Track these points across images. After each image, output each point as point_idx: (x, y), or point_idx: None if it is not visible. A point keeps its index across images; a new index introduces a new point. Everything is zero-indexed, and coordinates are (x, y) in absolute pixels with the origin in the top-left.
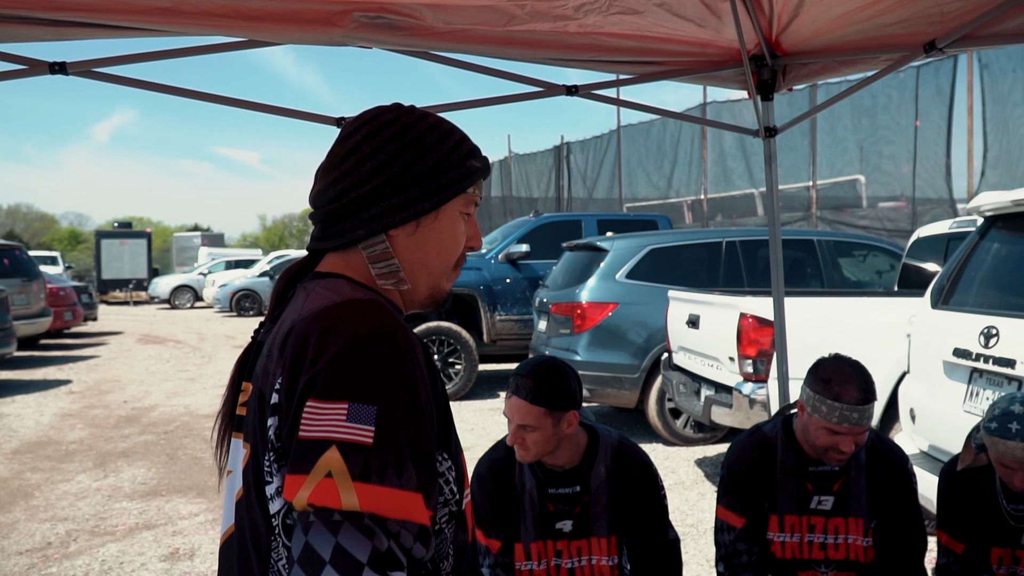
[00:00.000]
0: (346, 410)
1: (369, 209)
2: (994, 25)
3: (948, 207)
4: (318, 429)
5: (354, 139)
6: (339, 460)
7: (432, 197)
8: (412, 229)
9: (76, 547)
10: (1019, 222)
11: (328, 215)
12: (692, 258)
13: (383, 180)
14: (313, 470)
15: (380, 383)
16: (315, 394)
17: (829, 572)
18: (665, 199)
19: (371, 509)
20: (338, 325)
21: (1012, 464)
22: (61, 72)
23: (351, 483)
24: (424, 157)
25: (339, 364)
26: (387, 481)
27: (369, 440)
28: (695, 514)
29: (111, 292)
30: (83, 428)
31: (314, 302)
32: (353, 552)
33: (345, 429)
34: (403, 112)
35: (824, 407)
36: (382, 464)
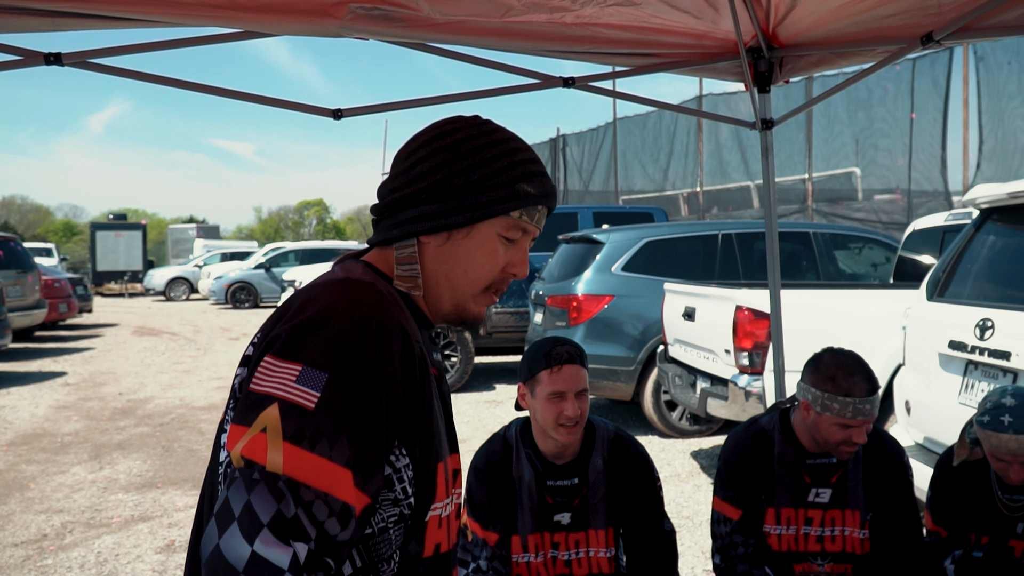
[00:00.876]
0: (298, 371)
1: (407, 211)
2: (991, 17)
3: (944, 200)
4: (267, 384)
5: (415, 143)
6: (276, 418)
7: (466, 212)
8: (443, 240)
9: (72, 539)
10: (1015, 214)
11: (378, 211)
12: (688, 251)
13: (424, 185)
14: (254, 423)
15: (339, 354)
16: (275, 350)
17: (825, 564)
18: (661, 192)
19: (292, 473)
20: (322, 294)
21: (1006, 457)
22: (56, 63)
23: (280, 442)
24: (470, 171)
25: (306, 327)
26: (316, 448)
27: (311, 405)
28: (691, 506)
29: (106, 284)
30: (78, 420)
31: (324, 276)
32: (258, 512)
33: (291, 389)
34: (471, 124)
35: (836, 404)
36: (316, 431)
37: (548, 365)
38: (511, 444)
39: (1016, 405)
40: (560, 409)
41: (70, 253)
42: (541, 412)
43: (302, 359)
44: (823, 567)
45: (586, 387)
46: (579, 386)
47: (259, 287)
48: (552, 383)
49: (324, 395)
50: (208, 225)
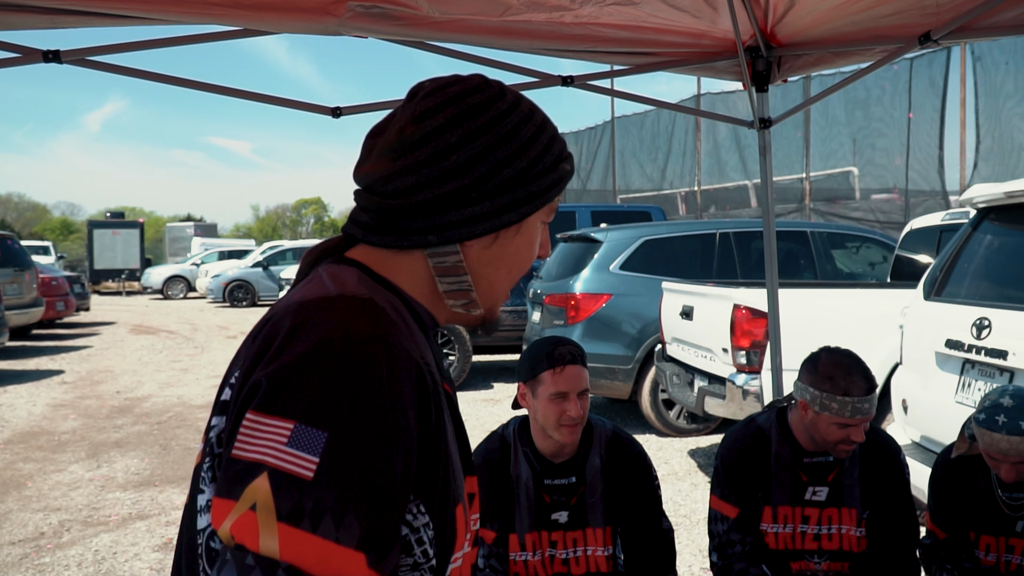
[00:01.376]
0: (290, 431)
1: (447, 214)
2: (989, 17)
3: (941, 199)
4: (253, 449)
5: (435, 120)
6: (267, 492)
7: (520, 207)
8: (489, 241)
9: (69, 537)
10: (1012, 214)
11: (390, 208)
12: (686, 249)
13: (469, 182)
14: (241, 497)
15: (339, 406)
16: (257, 404)
17: (822, 562)
18: (659, 190)
19: (291, 560)
20: (313, 322)
21: (997, 456)
22: (55, 60)
23: (274, 523)
24: (517, 157)
25: (293, 371)
26: (320, 530)
27: (309, 474)
28: (688, 504)
29: (103, 282)
30: (76, 418)
31: (309, 291)
32: None
33: (283, 454)
34: (495, 95)
35: (835, 404)
36: (318, 507)
37: (551, 365)
38: (509, 442)
39: (1013, 406)
40: (563, 409)
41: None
42: (543, 412)
43: (293, 415)
44: (820, 565)
45: (587, 387)
46: (581, 386)
47: (257, 285)
48: (555, 383)
49: (324, 460)
50: (206, 223)
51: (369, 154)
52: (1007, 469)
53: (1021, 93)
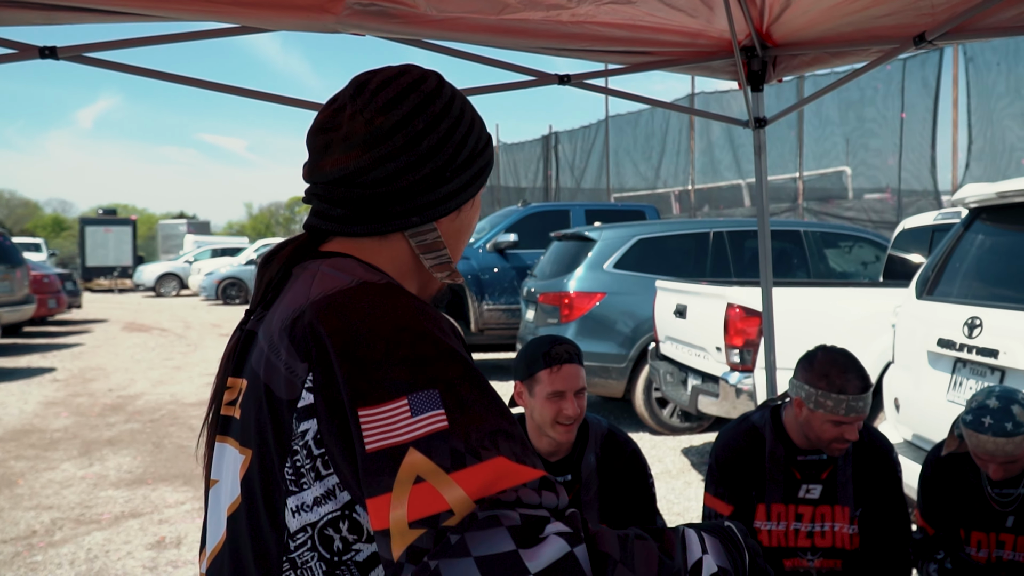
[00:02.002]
0: (406, 406)
1: (426, 194)
2: (984, 18)
3: (933, 199)
4: (385, 437)
5: (402, 109)
6: (423, 460)
7: (476, 181)
8: (455, 216)
9: (61, 535)
10: (1003, 214)
11: (372, 197)
12: (680, 248)
13: (443, 162)
14: (396, 483)
15: (430, 366)
16: (364, 401)
17: (815, 560)
18: (653, 189)
19: (482, 493)
20: (368, 314)
21: (983, 456)
22: (52, 57)
23: (448, 478)
24: (469, 137)
25: (384, 360)
26: (483, 456)
27: (445, 424)
28: (681, 503)
29: (95, 280)
30: (68, 416)
31: (324, 284)
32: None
33: (417, 426)
34: (440, 82)
35: (830, 401)
36: (468, 444)
37: (548, 365)
38: None
39: (998, 408)
40: (559, 408)
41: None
42: (540, 411)
43: (398, 391)
44: (813, 562)
45: (584, 385)
46: (578, 385)
47: (250, 283)
48: (552, 383)
49: (448, 408)
50: (199, 221)
51: (327, 150)
52: (995, 469)
53: (1013, 94)
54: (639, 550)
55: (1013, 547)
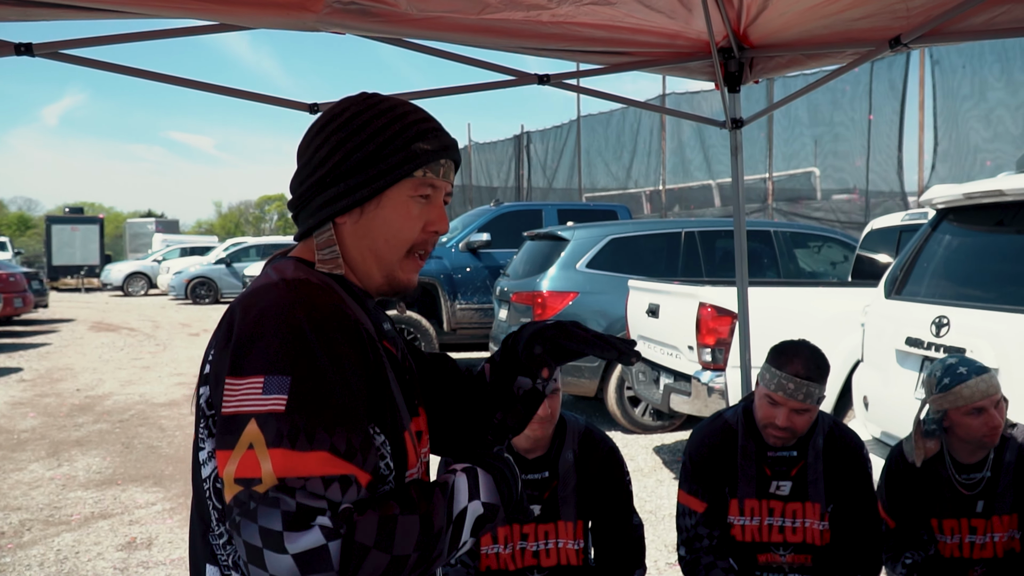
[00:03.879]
0: (261, 383)
1: (316, 198)
2: (958, 22)
3: (900, 199)
4: (237, 404)
5: (311, 131)
6: (257, 432)
7: (371, 184)
8: (357, 216)
9: (30, 536)
10: (970, 215)
11: (294, 207)
12: (652, 248)
13: (327, 170)
14: (237, 444)
15: (292, 355)
16: (232, 371)
17: (787, 555)
18: (624, 189)
19: (281, 474)
20: (259, 302)
21: (983, 402)
22: (27, 53)
23: (266, 451)
24: (366, 144)
25: (253, 339)
26: (297, 445)
27: (282, 408)
28: (653, 500)
29: (62, 279)
30: (35, 416)
31: (257, 281)
32: (272, 527)
33: (261, 402)
34: (358, 101)
35: (768, 374)
36: (293, 430)
37: None
38: None
39: (960, 360)
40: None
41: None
42: None
43: (260, 369)
44: (785, 557)
45: (558, 385)
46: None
47: (220, 282)
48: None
49: (291, 396)
50: (167, 219)
51: None
52: (990, 417)
53: (977, 96)
54: (401, 528)
55: (984, 531)
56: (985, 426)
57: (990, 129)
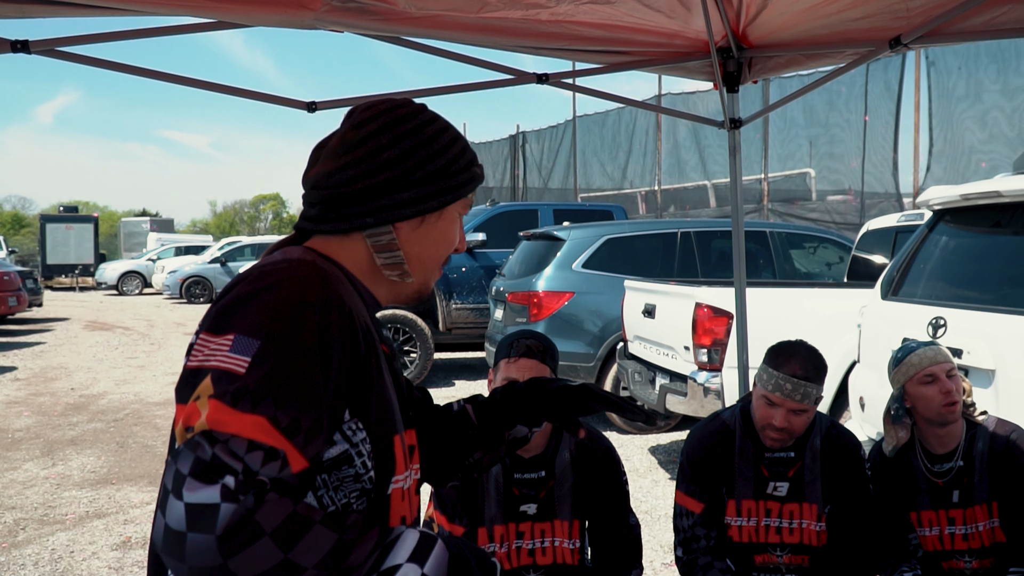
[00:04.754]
0: (231, 341)
1: (380, 199)
2: (959, 22)
3: (895, 201)
4: (202, 357)
5: (370, 127)
6: (208, 385)
7: (440, 196)
8: (417, 224)
9: (25, 536)
10: (967, 216)
11: (334, 198)
12: (648, 248)
13: (398, 173)
14: (191, 397)
15: (272, 323)
16: (208, 327)
17: (784, 556)
18: (619, 190)
19: (212, 426)
20: (259, 272)
21: (933, 369)
22: (24, 50)
23: (207, 400)
24: (437, 157)
25: (240, 300)
26: (239, 406)
27: (242, 370)
28: (649, 501)
29: (56, 278)
30: (29, 415)
31: (264, 261)
32: (181, 469)
33: (224, 358)
34: (418, 110)
35: (765, 375)
36: (240, 391)
37: (508, 355)
38: None
39: (911, 341)
40: None
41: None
42: None
43: (235, 329)
44: (782, 558)
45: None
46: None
47: (215, 282)
48: (507, 371)
49: (255, 360)
50: (162, 219)
51: (315, 162)
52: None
53: (972, 97)
54: (311, 536)
55: (963, 522)
56: (939, 394)
57: (985, 131)
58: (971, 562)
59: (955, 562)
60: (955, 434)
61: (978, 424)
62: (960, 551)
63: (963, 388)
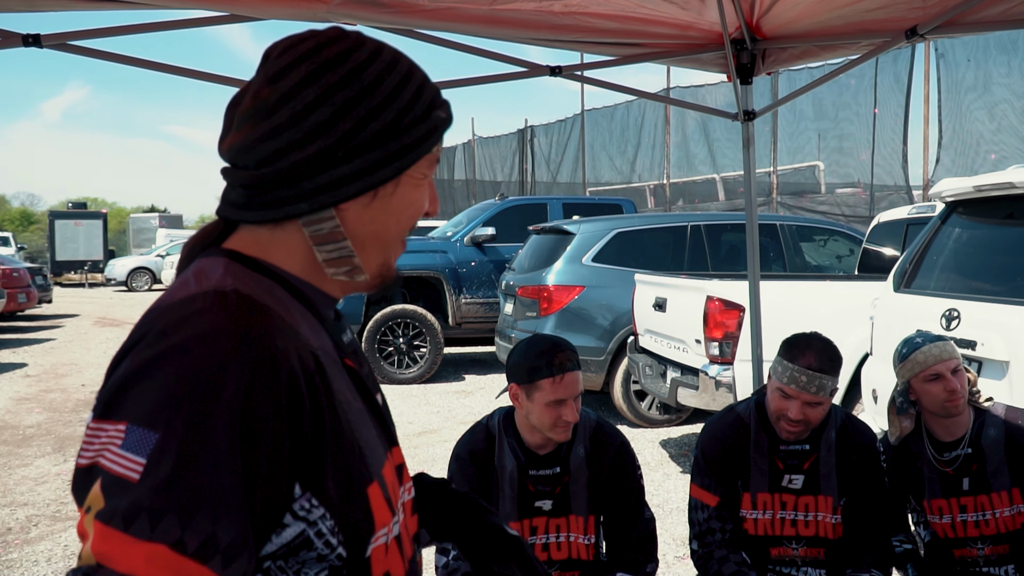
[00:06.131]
0: (123, 433)
1: (314, 177)
2: (976, 12)
3: (904, 193)
4: (91, 455)
5: (290, 78)
6: (98, 494)
7: (394, 161)
8: (367, 200)
9: (37, 532)
10: (979, 207)
11: (257, 179)
12: (658, 242)
13: (334, 141)
14: (83, 505)
15: (175, 407)
16: (98, 412)
17: (799, 548)
18: (628, 183)
19: (101, 559)
20: (164, 327)
21: (938, 367)
22: (35, 44)
23: (94, 522)
24: (383, 109)
25: (136, 376)
26: (131, 530)
27: (136, 476)
28: (660, 494)
29: (65, 274)
30: (40, 412)
31: (173, 290)
32: None
33: (114, 458)
34: (350, 44)
35: (780, 367)
36: (133, 508)
37: (551, 374)
38: (494, 434)
39: (918, 333)
40: (560, 414)
41: (27, 242)
42: (539, 415)
43: (126, 416)
44: (797, 551)
45: (582, 389)
46: (578, 391)
47: None
48: (555, 391)
49: (151, 461)
50: (171, 215)
51: (230, 126)
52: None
53: (981, 88)
54: None
55: (976, 509)
56: (944, 391)
57: (994, 122)
58: (984, 549)
59: (968, 550)
60: (962, 423)
61: (985, 411)
62: (972, 538)
63: (968, 379)
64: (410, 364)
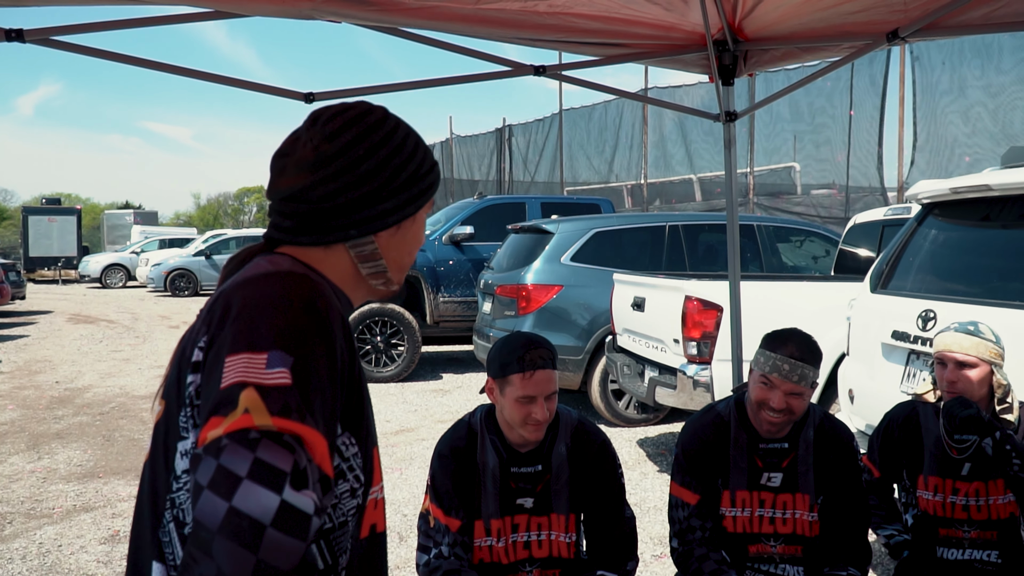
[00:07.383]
0: (266, 359)
1: (363, 211)
2: (957, 15)
3: (879, 195)
4: (238, 376)
5: (344, 138)
6: (257, 398)
7: (416, 201)
8: (395, 231)
9: (12, 530)
10: (956, 209)
11: (314, 212)
12: (636, 242)
13: (378, 184)
14: (231, 412)
15: (298, 338)
16: (233, 348)
17: (778, 546)
18: (606, 183)
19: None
20: (262, 288)
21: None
22: (18, 39)
23: (269, 417)
24: (408, 163)
25: (260, 318)
26: (306, 420)
27: (288, 382)
28: (638, 493)
29: (39, 270)
30: (14, 409)
31: (250, 271)
32: (275, 464)
33: (264, 374)
34: (384, 115)
35: (762, 358)
36: (300, 404)
37: (521, 369)
38: (476, 431)
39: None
40: (529, 411)
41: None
42: (509, 411)
43: (266, 347)
44: (776, 548)
45: (556, 389)
46: (549, 390)
47: (199, 275)
48: (523, 387)
49: (296, 374)
50: (146, 211)
51: (282, 172)
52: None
53: (956, 91)
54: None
55: (966, 494)
56: (943, 380)
57: (969, 125)
58: (970, 531)
59: (953, 530)
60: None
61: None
62: (959, 520)
63: (999, 383)
64: (388, 363)
